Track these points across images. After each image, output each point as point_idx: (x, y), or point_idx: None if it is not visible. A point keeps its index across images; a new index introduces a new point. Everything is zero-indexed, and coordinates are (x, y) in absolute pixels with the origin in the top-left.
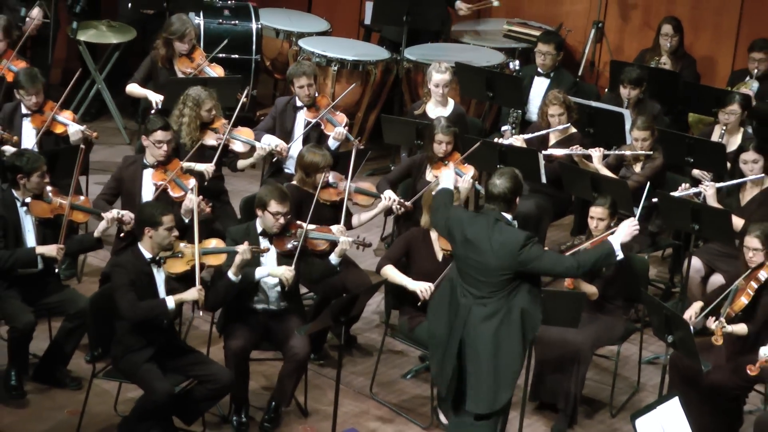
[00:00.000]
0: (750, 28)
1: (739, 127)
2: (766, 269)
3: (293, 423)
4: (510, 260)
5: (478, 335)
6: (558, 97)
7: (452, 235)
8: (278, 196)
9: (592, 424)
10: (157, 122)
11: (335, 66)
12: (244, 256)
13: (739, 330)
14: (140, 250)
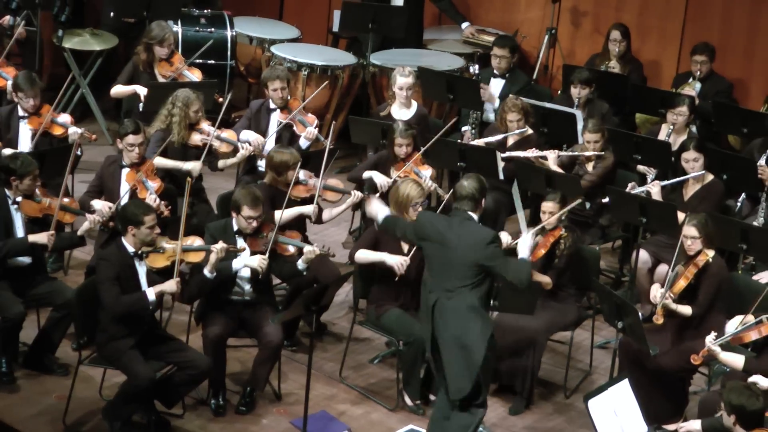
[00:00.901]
0: (692, 33)
1: (686, 126)
2: (704, 256)
3: (267, 406)
4: (479, 253)
5: (450, 328)
6: (516, 104)
7: (425, 235)
8: (251, 201)
9: (547, 405)
10: (129, 126)
11: (305, 70)
12: (219, 255)
13: (684, 310)
14: (124, 245)
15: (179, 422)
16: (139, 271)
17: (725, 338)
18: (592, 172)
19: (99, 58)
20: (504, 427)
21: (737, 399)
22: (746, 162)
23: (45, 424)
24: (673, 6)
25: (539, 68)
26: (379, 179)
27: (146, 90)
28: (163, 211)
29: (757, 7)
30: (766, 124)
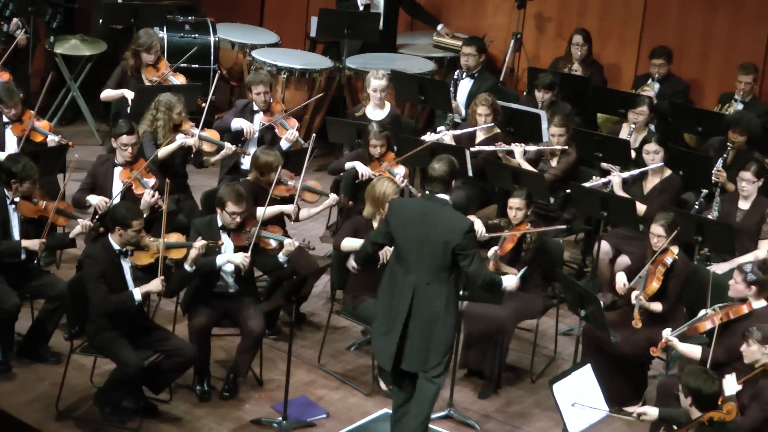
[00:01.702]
0: (650, 37)
1: (645, 125)
2: (670, 254)
3: (250, 391)
4: (455, 239)
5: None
6: (488, 99)
7: (392, 226)
8: (234, 198)
9: (514, 389)
10: (123, 127)
11: (285, 74)
12: (199, 251)
13: (655, 308)
14: (110, 242)
15: (166, 407)
16: (125, 267)
17: (681, 329)
18: (555, 166)
19: (89, 63)
20: (474, 410)
21: (694, 382)
22: (701, 159)
23: (39, 410)
24: (632, 12)
25: (506, 71)
26: (362, 168)
27: (134, 94)
28: (161, 205)
29: (710, 13)
30: (718, 125)
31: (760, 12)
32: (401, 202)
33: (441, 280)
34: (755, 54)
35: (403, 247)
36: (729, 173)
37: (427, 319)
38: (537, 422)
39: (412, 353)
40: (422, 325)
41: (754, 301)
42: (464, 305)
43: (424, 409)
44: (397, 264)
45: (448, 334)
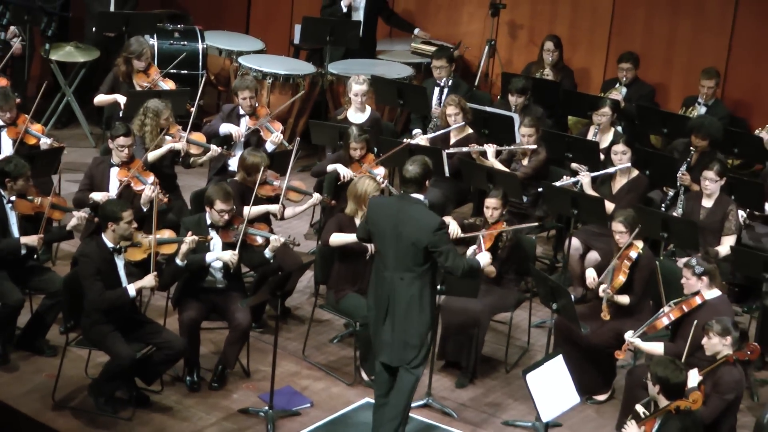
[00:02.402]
0: (618, 43)
1: (610, 126)
2: (635, 249)
3: (238, 382)
4: (426, 237)
5: (399, 303)
6: (454, 99)
7: (371, 223)
8: (222, 196)
9: (489, 379)
10: (120, 129)
11: (270, 79)
12: (189, 246)
13: (623, 300)
14: (104, 240)
15: (158, 397)
16: (119, 264)
17: (641, 330)
18: (526, 165)
19: (83, 69)
20: (451, 399)
21: (663, 371)
22: (666, 159)
23: (36, 400)
24: (600, 19)
25: (480, 76)
26: (343, 170)
27: (125, 98)
28: (163, 199)
29: (675, 21)
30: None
31: (721, 20)
32: (377, 200)
33: (415, 275)
34: (717, 59)
35: (380, 243)
36: (693, 173)
37: (403, 313)
38: (511, 410)
39: (391, 347)
40: (398, 319)
41: (706, 291)
42: (442, 299)
43: (403, 399)
44: (378, 259)
45: (422, 328)
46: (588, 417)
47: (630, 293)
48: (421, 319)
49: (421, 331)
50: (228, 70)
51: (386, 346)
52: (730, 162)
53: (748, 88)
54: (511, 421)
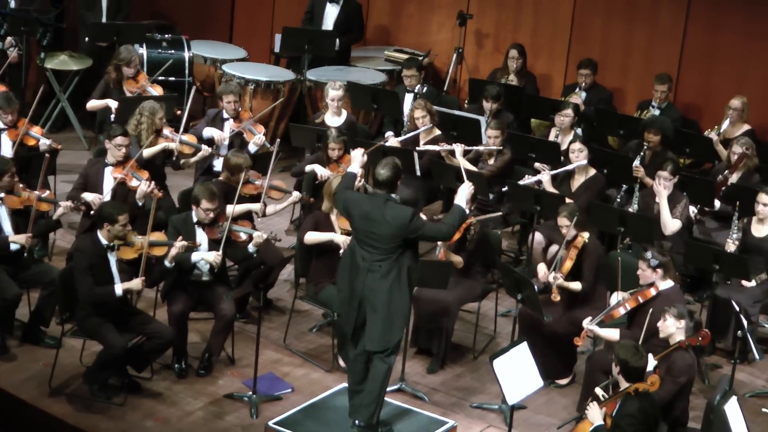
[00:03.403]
0: (577, 50)
1: (571, 128)
2: (581, 238)
3: (223, 369)
4: (402, 230)
5: (376, 291)
6: (421, 103)
7: (350, 213)
8: (208, 196)
9: (459, 364)
10: (118, 130)
11: (252, 85)
12: (179, 250)
13: (574, 286)
14: (98, 237)
15: (148, 384)
16: (111, 260)
17: (598, 319)
18: (492, 164)
19: (76, 77)
20: (423, 383)
21: (624, 354)
22: (623, 159)
23: (33, 387)
24: (561, 28)
25: (449, 82)
26: (321, 170)
27: (117, 103)
28: (158, 194)
29: (630, 29)
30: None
31: (673, 29)
32: (355, 197)
33: (392, 261)
34: (670, 65)
35: (357, 235)
36: (647, 171)
37: (385, 299)
38: (479, 394)
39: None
40: (380, 305)
41: (660, 282)
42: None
43: (377, 385)
44: (355, 247)
45: (405, 310)
46: (551, 400)
47: (581, 280)
48: (402, 300)
49: (405, 312)
50: (213, 76)
51: (368, 334)
52: (682, 161)
53: (699, 92)
54: (479, 404)
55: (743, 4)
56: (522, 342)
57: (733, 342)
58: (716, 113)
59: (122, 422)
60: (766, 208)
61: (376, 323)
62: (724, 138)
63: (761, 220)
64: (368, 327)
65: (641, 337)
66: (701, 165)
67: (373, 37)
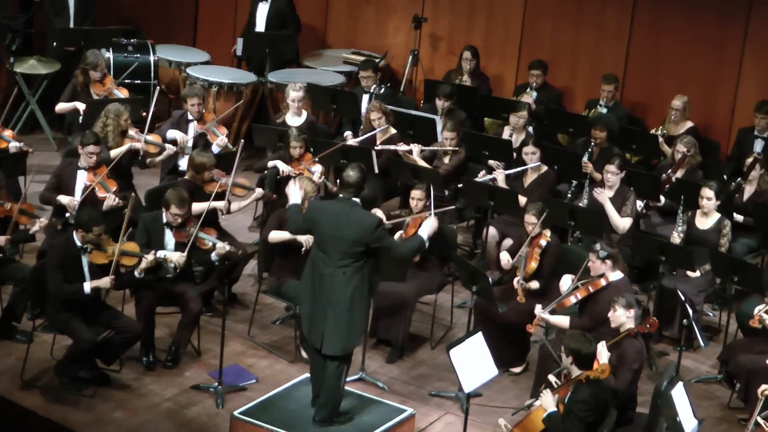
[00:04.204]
0: (528, 52)
1: (524, 127)
2: (544, 237)
3: (190, 361)
4: (367, 235)
5: (339, 296)
6: (376, 105)
7: (313, 222)
8: (178, 202)
9: (417, 354)
10: (91, 138)
11: (215, 87)
12: (149, 264)
13: (533, 285)
14: (74, 237)
15: (117, 376)
16: (83, 260)
17: (550, 307)
18: (448, 163)
19: (45, 80)
20: (382, 373)
21: (574, 344)
22: (572, 156)
23: (6, 381)
24: (512, 31)
25: (405, 82)
26: (282, 166)
27: (84, 106)
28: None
29: (578, 31)
30: (585, 126)
31: (618, 30)
32: (317, 203)
33: (355, 268)
34: (616, 66)
35: (321, 241)
36: (595, 166)
37: (347, 304)
38: (437, 382)
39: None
40: (342, 311)
41: (610, 273)
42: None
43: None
44: (317, 255)
45: (365, 315)
46: (505, 387)
47: (539, 278)
48: (363, 308)
49: (364, 321)
50: (177, 79)
51: (328, 338)
52: (630, 158)
53: (644, 91)
54: (436, 392)
55: (685, 8)
56: (477, 332)
57: (679, 330)
58: (661, 111)
59: (92, 413)
60: (710, 202)
61: (337, 329)
62: (669, 136)
63: (705, 214)
64: (328, 332)
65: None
66: (648, 162)
67: (332, 40)
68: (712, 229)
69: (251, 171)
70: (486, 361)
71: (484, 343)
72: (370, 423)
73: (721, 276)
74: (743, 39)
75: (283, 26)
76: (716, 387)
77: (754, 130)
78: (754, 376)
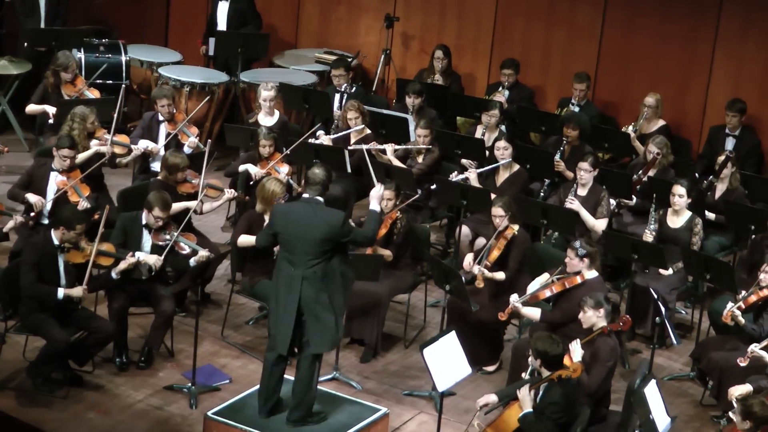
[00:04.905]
0: (500, 51)
1: (496, 126)
2: (510, 230)
3: (163, 362)
4: (335, 232)
5: (315, 299)
6: (353, 104)
7: (277, 228)
8: (162, 205)
9: (390, 354)
10: (66, 142)
11: (187, 87)
12: (128, 266)
13: (498, 276)
14: (51, 236)
15: (90, 377)
16: (60, 260)
17: (525, 297)
18: (421, 162)
19: (16, 81)
20: (356, 372)
21: (542, 345)
22: (544, 154)
23: None
24: (484, 30)
25: (377, 82)
26: (253, 170)
27: (55, 108)
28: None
29: (550, 30)
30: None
31: (590, 29)
32: (281, 207)
33: (325, 263)
34: (588, 64)
35: (288, 245)
36: (567, 165)
37: (326, 300)
38: (410, 381)
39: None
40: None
41: (586, 271)
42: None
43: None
44: (284, 261)
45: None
46: (479, 386)
47: (505, 269)
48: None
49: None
50: (149, 80)
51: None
52: (602, 155)
53: (616, 89)
54: (410, 391)
55: (657, 6)
56: (450, 331)
57: (651, 328)
58: (633, 109)
59: (65, 414)
60: (682, 200)
61: (323, 328)
62: (641, 133)
63: (676, 212)
64: (311, 333)
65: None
66: (619, 160)
67: (304, 39)
68: (684, 227)
69: (223, 172)
70: (459, 360)
71: (458, 342)
72: (343, 422)
73: (693, 274)
74: (714, 37)
75: (244, 24)
76: (689, 384)
77: (726, 128)
78: (727, 373)
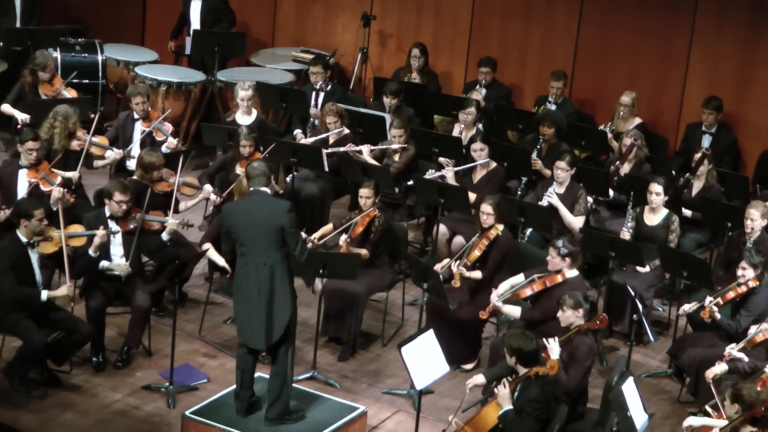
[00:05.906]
0: (476, 50)
1: (473, 124)
2: (495, 230)
3: (141, 361)
4: (282, 220)
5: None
6: (332, 109)
7: (228, 226)
8: (121, 188)
9: (368, 352)
10: (28, 135)
11: (164, 86)
12: (102, 239)
13: (475, 275)
14: (18, 236)
15: (67, 377)
16: (32, 257)
17: (506, 296)
18: (398, 161)
19: None
20: (334, 371)
21: (516, 343)
22: (521, 152)
23: None
24: (460, 28)
25: (354, 80)
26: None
27: (26, 116)
28: (69, 199)
29: (526, 28)
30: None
31: (567, 27)
32: (229, 206)
33: (281, 256)
34: (565, 62)
35: (241, 241)
36: (545, 163)
37: (280, 293)
38: (388, 379)
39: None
40: (278, 301)
41: (567, 270)
42: (324, 282)
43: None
44: (242, 257)
45: (286, 310)
46: (457, 384)
47: (483, 268)
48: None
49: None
50: (126, 79)
51: (266, 331)
52: (578, 153)
53: (592, 87)
54: (388, 389)
55: (633, 5)
56: (428, 329)
57: (629, 325)
58: (609, 107)
59: (42, 415)
60: (658, 197)
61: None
62: (617, 132)
63: (653, 210)
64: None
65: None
66: (596, 158)
67: (281, 38)
68: (661, 224)
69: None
70: (437, 358)
71: (436, 340)
72: (321, 421)
73: (670, 271)
74: (690, 35)
75: (217, 21)
76: (666, 381)
77: (702, 126)
78: (704, 369)
